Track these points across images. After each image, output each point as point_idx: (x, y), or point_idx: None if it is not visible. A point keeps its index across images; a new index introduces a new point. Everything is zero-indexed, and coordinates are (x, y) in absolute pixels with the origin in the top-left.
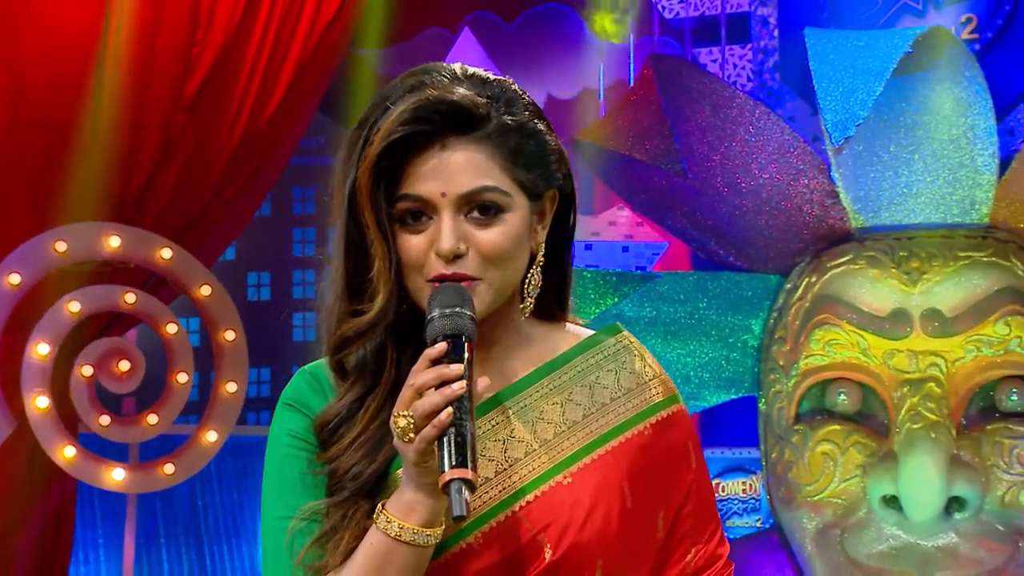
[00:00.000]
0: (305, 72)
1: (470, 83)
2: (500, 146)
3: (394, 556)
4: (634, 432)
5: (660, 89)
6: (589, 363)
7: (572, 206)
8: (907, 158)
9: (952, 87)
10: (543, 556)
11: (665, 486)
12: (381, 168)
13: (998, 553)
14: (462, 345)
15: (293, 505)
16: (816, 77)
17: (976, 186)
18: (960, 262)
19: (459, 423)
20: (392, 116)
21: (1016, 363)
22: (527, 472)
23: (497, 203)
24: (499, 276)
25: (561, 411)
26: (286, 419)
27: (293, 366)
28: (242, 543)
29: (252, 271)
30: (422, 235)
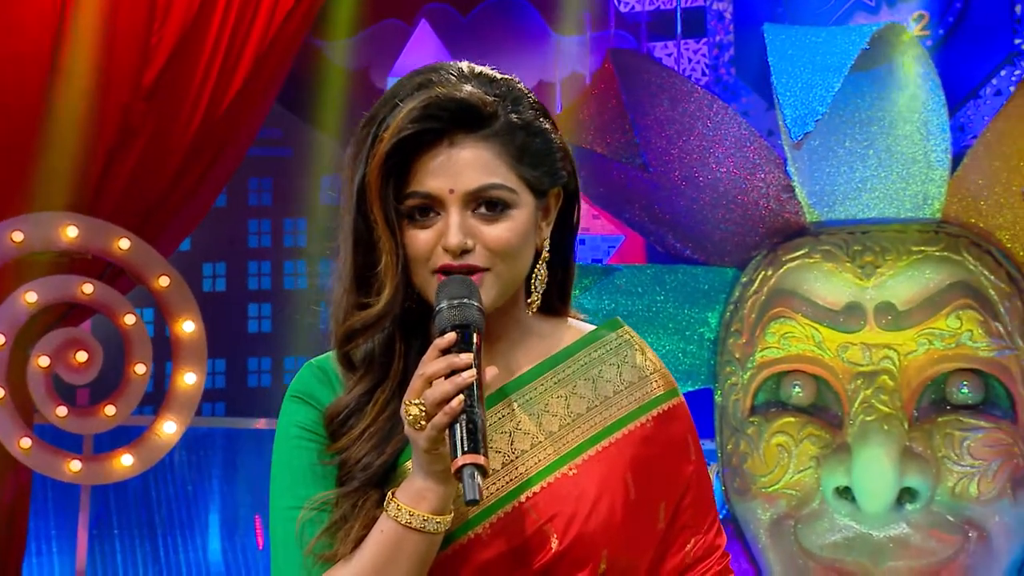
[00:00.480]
0: (264, 62)
1: (478, 81)
2: (507, 144)
3: (404, 543)
4: (637, 424)
5: (621, 83)
6: (592, 357)
7: (576, 203)
8: (862, 153)
9: (907, 83)
10: (550, 546)
11: (666, 477)
12: (390, 165)
13: (948, 544)
14: (471, 335)
15: (303, 496)
16: (775, 73)
17: (929, 181)
18: (913, 256)
19: (470, 410)
20: (402, 113)
21: (967, 356)
22: (533, 464)
23: (504, 200)
24: (506, 269)
25: (565, 404)
26: (294, 411)
27: (248, 357)
28: (196, 534)
29: (207, 262)
30: (430, 230)
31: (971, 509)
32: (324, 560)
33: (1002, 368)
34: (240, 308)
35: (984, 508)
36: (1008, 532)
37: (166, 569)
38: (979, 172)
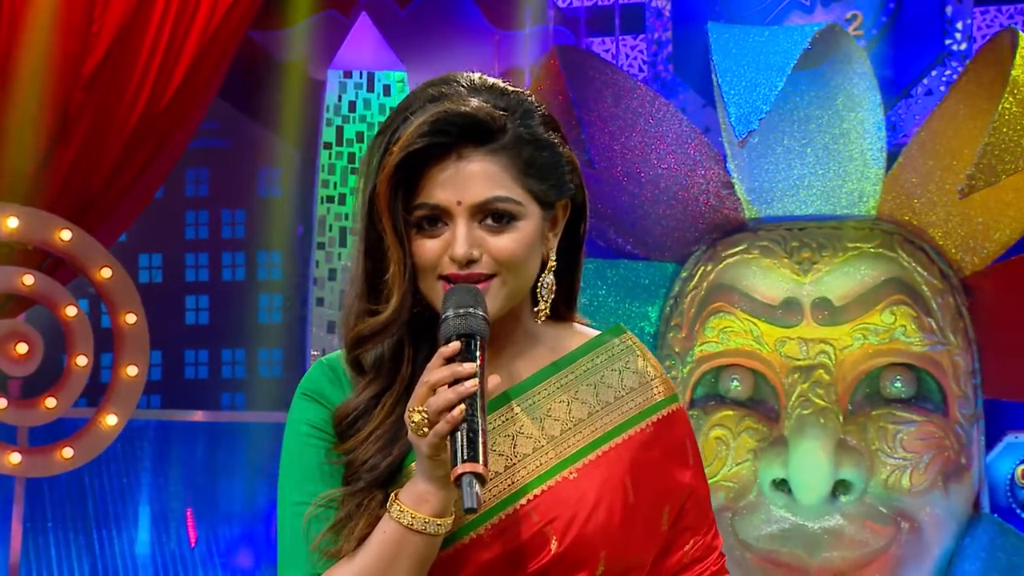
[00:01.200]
0: (206, 54)
1: (488, 94)
2: (514, 157)
3: (406, 544)
4: (637, 429)
5: (566, 80)
6: (595, 363)
7: (583, 214)
8: (800, 151)
9: (844, 83)
10: (549, 548)
11: (666, 481)
12: (399, 177)
13: (881, 535)
14: (475, 344)
15: (311, 492)
16: (719, 71)
17: (865, 179)
18: (849, 253)
19: (471, 419)
20: (412, 127)
21: (900, 351)
22: (535, 467)
23: (510, 212)
24: (511, 278)
25: (567, 409)
26: (304, 409)
27: (185, 349)
28: (131, 527)
29: (143, 253)
30: (437, 239)
31: (903, 501)
32: (329, 556)
33: (934, 363)
34: (177, 300)
35: (916, 500)
36: (939, 523)
37: (100, 563)
38: (913, 171)
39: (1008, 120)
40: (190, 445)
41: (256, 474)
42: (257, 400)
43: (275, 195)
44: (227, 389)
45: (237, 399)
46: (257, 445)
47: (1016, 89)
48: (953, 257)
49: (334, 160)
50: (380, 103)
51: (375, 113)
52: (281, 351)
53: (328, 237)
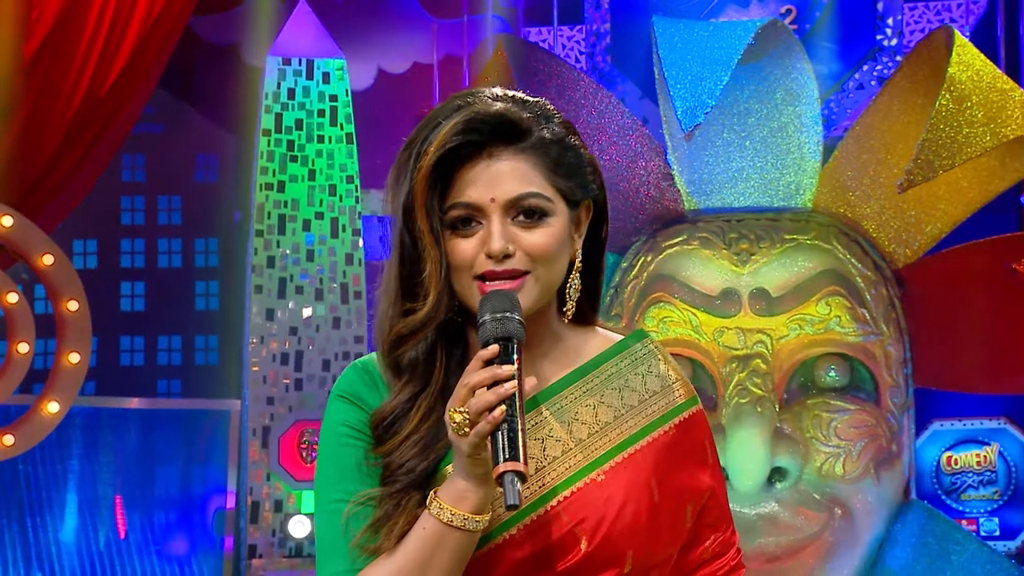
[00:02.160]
0: (148, 40)
1: (512, 101)
2: (542, 156)
3: (445, 540)
4: (660, 432)
5: (514, 71)
6: (619, 367)
7: (605, 216)
8: (739, 144)
9: (783, 77)
10: (579, 547)
11: (688, 481)
12: (435, 177)
13: (814, 521)
14: (513, 347)
15: (349, 490)
16: (665, 65)
17: (802, 172)
18: (786, 244)
19: (511, 419)
20: (445, 129)
21: (835, 341)
22: (564, 469)
23: (541, 208)
24: (544, 273)
25: (594, 412)
26: (341, 410)
27: (120, 336)
28: (65, 515)
29: (78, 239)
30: (472, 239)
31: (836, 488)
32: (368, 552)
33: (867, 353)
34: (112, 286)
35: (849, 487)
36: (870, 510)
37: (34, 550)
38: (849, 164)
39: (945, 116)
40: (125, 432)
41: (192, 461)
42: (193, 387)
43: (212, 181)
44: (163, 376)
45: (173, 386)
46: (193, 432)
47: (953, 86)
48: (886, 249)
49: (273, 147)
50: (319, 91)
51: (314, 101)
52: (218, 338)
53: (267, 224)
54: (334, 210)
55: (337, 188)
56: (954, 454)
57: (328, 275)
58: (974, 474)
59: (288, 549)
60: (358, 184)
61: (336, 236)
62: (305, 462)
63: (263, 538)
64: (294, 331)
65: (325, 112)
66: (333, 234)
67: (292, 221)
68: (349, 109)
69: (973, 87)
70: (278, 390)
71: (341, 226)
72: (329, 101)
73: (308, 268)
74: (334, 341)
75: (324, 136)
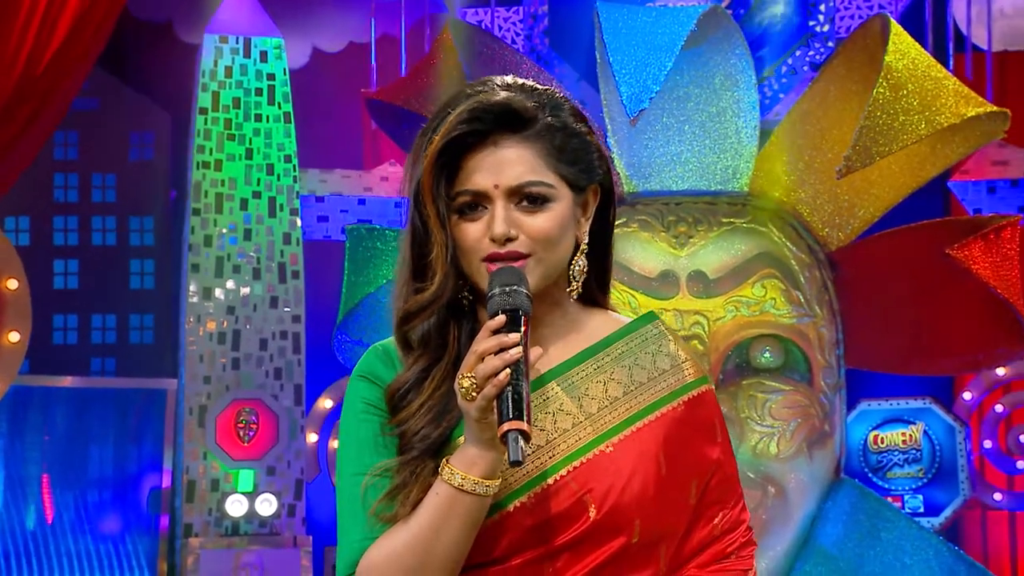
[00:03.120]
0: (86, 19)
1: (520, 91)
2: (546, 143)
3: (457, 504)
4: (669, 408)
5: (460, 54)
6: (629, 346)
7: (612, 199)
8: (678, 128)
9: (722, 63)
10: (588, 515)
11: (695, 457)
12: (441, 164)
13: (748, 499)
14: (519, 318)
15: (367, 463)
16: (610, 50)
17: (739, 156)
18: (723, 228)
19: (516, 383)
20: (451, 118)
21: (770, 323)
22: (574, 441)
23: (544, 194)
24: (546, 256)
25: (604, 388)
26: (361, 388)
27: (54, 314)
28: None
29: (10, 216)
30: (478, 223)
31: (770, 466)
32: (386, 520)
33: (801, 335)
34: (45, 264)
35: (782, 465)
36: (803, 488)
37: None
38: (784, 149)
39: (882, 104)
40: (57, 411)
41: (126, 440)
42: (128, 366)
43: (147, 159)
44: (97, 354)
45: (107, 365)
46: (127, 411)
47: (890, 74)
48: (820, 233)
49: (210, 125)
50: (257, 69)
51: (251, 79)
52: (153, 317)
53: (204, 203)
54: (272, 189)
55: (275, 167)
56: (881, 433)
57: (266, 254)
58: (900, 452)
59: (225, 528)
60: (296, 164)
61: (274, 215)
62: (242, 441)
63: (199, 517)
64: (231, 310)
65: (263, 91)
66: (271, 213)
67: (229, 200)
68: (287, 88)
69: (909, 75)
70: (215, 369)
71: (279, 205)
72: (267, 80)
73: (246, 247)
74: (271, 320)
75: (262, 115)
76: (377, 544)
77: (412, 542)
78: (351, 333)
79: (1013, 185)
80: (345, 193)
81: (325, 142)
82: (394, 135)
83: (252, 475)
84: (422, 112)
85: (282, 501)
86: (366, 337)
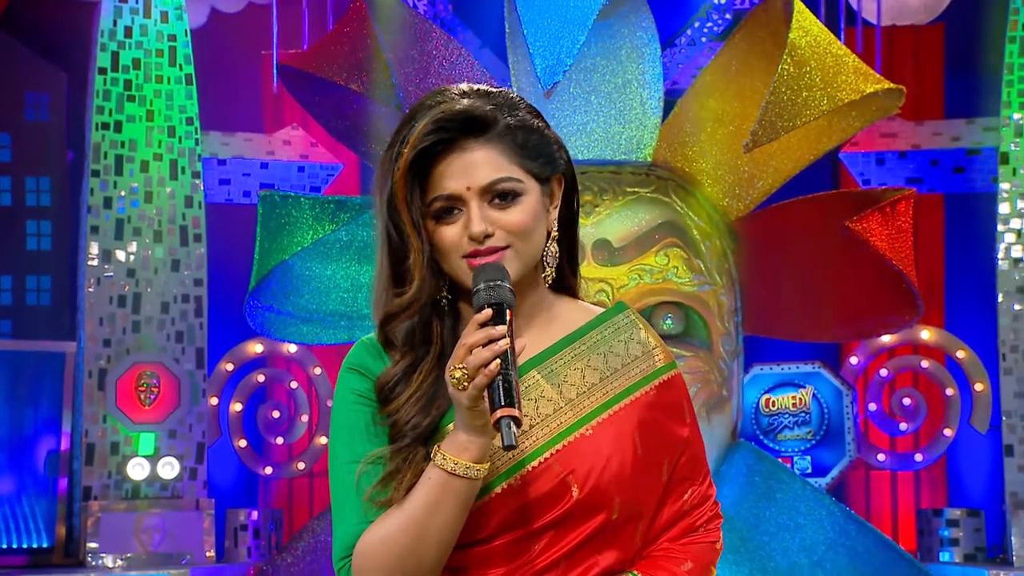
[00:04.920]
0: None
1: (476, 96)
2: (509, 142)
3: (449, 488)
4: (642, 392)
5: (374, 23)
6: (603, 335)
7: (575, 187)
8: (584, 98)
9: (629, 35)
10: (570, 495)
11: (666, 438)
12: (412, 173)
13: None
14: (504, 311)
15: (360, 451)
16: (524, 23)
17: (643, 127)
18: (627, 197)
19: (505, 372)
20: (417, 130)
21: (672, 290)
22: (556, 425)
23: (513, 189)
24: (523, 246)
25: (581, 375)
26: (351, 380)
27: None
28: None
29: None
30: (455, 225)
31: None
32: (380, 505)
33: (701, 302)
34: None
35: None
36: None
37: None
38: (687, 120)
39: (787, 80)
40: None
41: (22, 403)
42: (25, 328)
43: (43, 120)
44: None
45: (3, 326)
46: (24, 373)
47: (794, 51)
48: (720, 203)
49: (110, 86)
50: (158, 30)
51: (152, 40)
52: (50, 279)
53: (103, 164)
54: (173, 152)
55: (176, 130)
56: (772, 396)
57: (167, 217)
58: (790, 415)
59: (125, 491)
60: (198, 126)
61: (175, 178)
62: (143, 404)
63: (99, 480)
64: (132, 273)
65: (164, 52)
66: (172, 176)
67: (130, 162)
68: (188, 50)
69: (811, 53)
70: (115, 332)
71: (180, 168)
72: (168, 41)
73: (146, 210)
74: (173, 283)
75: (163, 76)
76: (372, 527)
77: (406, 524)
78: (263, 299)
79: (901, 157)
80: (247, 156)
81: (226, 104)
82: (305, 102)
83: (153, 438)
84: (335, 79)
85: (184, 464)
86: (277, 303)
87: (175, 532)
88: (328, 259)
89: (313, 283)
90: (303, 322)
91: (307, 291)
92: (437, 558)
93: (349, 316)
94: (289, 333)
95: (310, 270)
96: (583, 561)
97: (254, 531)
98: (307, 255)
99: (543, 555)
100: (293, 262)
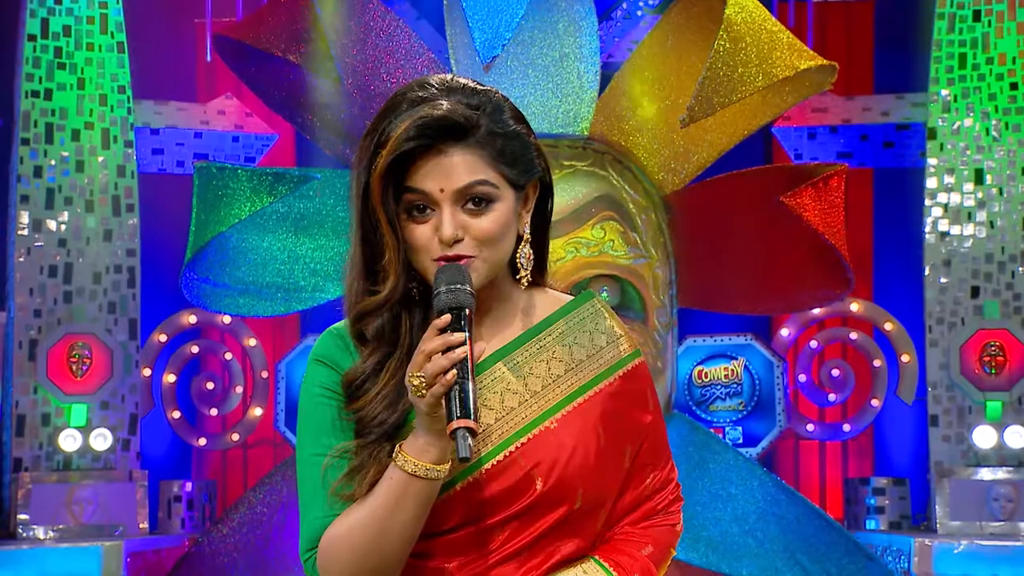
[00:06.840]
0: None
1: (461, 94)
2: (488, 148)
3: (409, 488)
4: (606, 383)
5: None
6: (569, 325)
7: (551, 192)
8: (522, 71)
9: (567, 8)
10: (535, 487)
11: (630, 426)
12: (390, 173)
13: None
14: (463, 316)
15: (326, 444)
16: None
17: (580, 101)
18: (564, 171)
19: (462, 381)
20: (398, 131)
21: (608, 263)
22: (521, 419)
23: (488, 195)
24: (491, 254)
25: (547, 367)
26: (318, 372)
27: None
28: None
29: None
30: (427, 224)
31: None
32: (345, 499)
33: (637, 275)
34: None
35: None
36: None
37: None
38: (624, 95)
39: (723, 56)
40: None
41: None
42: None
43: None
44: None
45: None
46: None
47: (730, 27)
48: (656, 177)
49: (39, 53)
50: None
51: (83, 7)
52: None
53: (33, 133)
54: (105, 120)
55: (108, 98)
56: (705, 368)
57: (99, 187)
58: (722, 386)
59: (56, 463)
60: (130, 95)
61: (107, 147)
62: (75, 376)
63: (30, 452)
64: (63, 243)
65: (95, 19)
66: (104, 145)
67: (60, 131)
68: (120, 17)
69: (747, 29)
70: (46, 302)
71: (112, 137)
72: (99, 8)
73: (78, 179)
74: (105, 254)
75: (94, 44)
76: (337, 522)
77: (368, 521)
78: (199, 271)
79: (832, 131)
80: (181, 126)
81: (158, 73)
82: (241, 73)
83: (85, 410)
84: (272, 51)
85: (116, 436)
86: (213, 275)
87: (108, 504)
88: (265, 231)
89: (250, 255)
90: (240, 294)
91: (244, 263)
92: (399, 553)
93: (286, 288)
94: (226, 305)
95: (247, 242)
96: (544, 549)
97: (188, 503)
98: (244, 227)
99: (505, 545)
100: (230, 234)
